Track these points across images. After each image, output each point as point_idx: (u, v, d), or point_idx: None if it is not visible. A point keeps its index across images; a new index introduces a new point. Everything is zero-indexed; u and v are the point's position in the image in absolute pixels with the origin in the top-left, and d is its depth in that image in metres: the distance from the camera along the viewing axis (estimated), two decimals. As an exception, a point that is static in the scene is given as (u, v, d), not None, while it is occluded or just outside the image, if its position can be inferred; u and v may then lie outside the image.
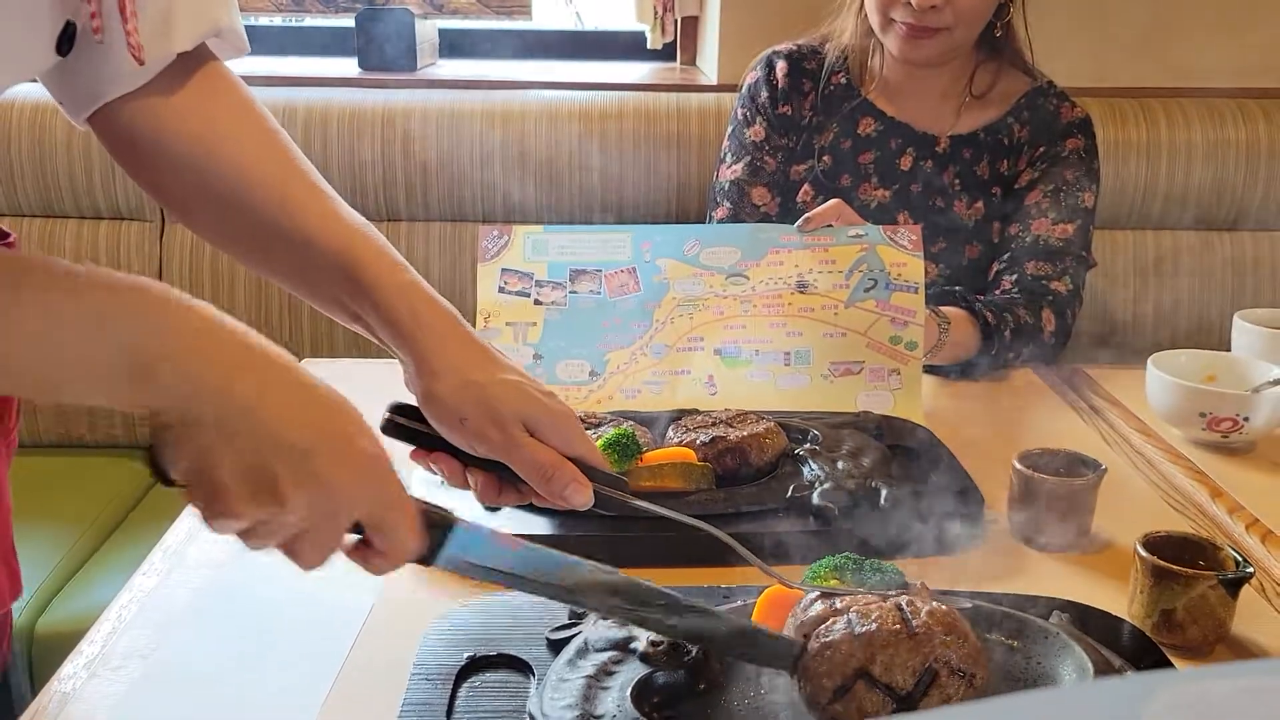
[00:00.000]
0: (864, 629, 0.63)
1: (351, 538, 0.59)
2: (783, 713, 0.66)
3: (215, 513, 0.54)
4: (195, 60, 0.74)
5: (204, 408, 0.53)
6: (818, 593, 0.68)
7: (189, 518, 0.94)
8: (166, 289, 0.54)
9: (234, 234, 0.76)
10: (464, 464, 0.71)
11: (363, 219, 0.74)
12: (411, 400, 0.72)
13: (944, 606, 0.65)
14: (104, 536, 1.52)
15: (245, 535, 0.56)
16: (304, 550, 0.57)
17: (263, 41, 2.15)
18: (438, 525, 0.61)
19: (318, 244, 0.72)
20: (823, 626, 0.65)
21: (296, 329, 1.74)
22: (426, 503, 0.61)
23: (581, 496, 0.70)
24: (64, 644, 0.78)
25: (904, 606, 0.64)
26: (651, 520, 0.87)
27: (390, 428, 0.71)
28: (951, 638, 0.63)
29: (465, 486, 0.72)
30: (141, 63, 0.66)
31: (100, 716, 0.70)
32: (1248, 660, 0.75)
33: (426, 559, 0.61)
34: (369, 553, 0.59)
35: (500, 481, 0.72)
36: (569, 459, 0.70)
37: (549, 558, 0.64)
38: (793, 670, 0.65)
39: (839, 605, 0.66)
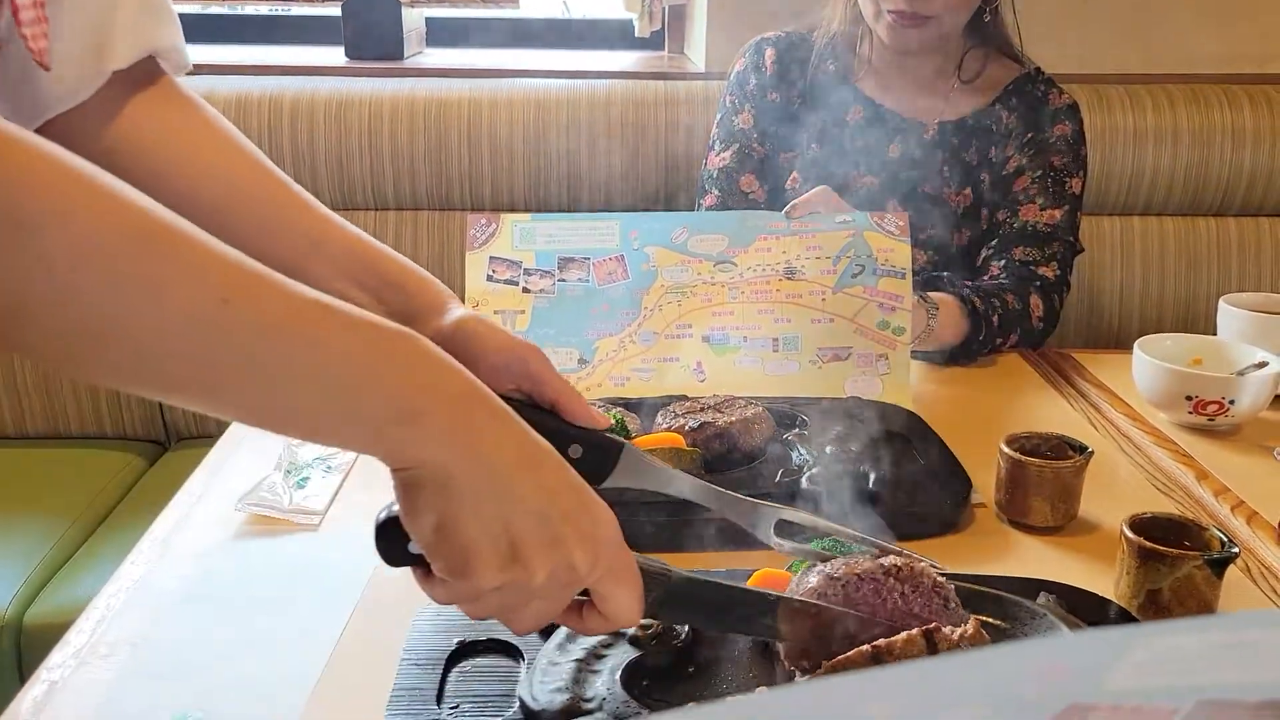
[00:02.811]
0: (840, 572, 0.66)
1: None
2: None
3: (459, 576, 0.54)
4: (145, 77, 0.75)
5: (460, 469, 0.52)
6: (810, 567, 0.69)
7: (177, 507, 0.94)
8: (430, 343, 0.54)
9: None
10: None
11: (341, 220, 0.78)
12: None
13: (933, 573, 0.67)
14: (92, 528, 1.52)
15: (475, 603, 0.56)
16: (526, 617, 0.57)
17: (249, 30, 2.14)
18: (657, 580, 0.61)
19: (324, 239, 0.76)
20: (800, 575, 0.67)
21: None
22: (644, 559, 0.61)
23: (605, 419, 0.71)
24: (52, 635, 0.78)
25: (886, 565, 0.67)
26: (636, 507, 0.88)
27: None
28: (918, 587, 0.65)
29: None
30: (46, 67, 0.66)
31: (89, 705, 0.69)
32: (1220, 614, 0.75)
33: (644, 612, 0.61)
34: (589, 613, 0.59)
35: None
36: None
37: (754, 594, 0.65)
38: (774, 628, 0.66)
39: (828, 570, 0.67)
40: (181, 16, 0.79)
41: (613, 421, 0.71)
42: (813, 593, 0.66)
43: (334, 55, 1.92)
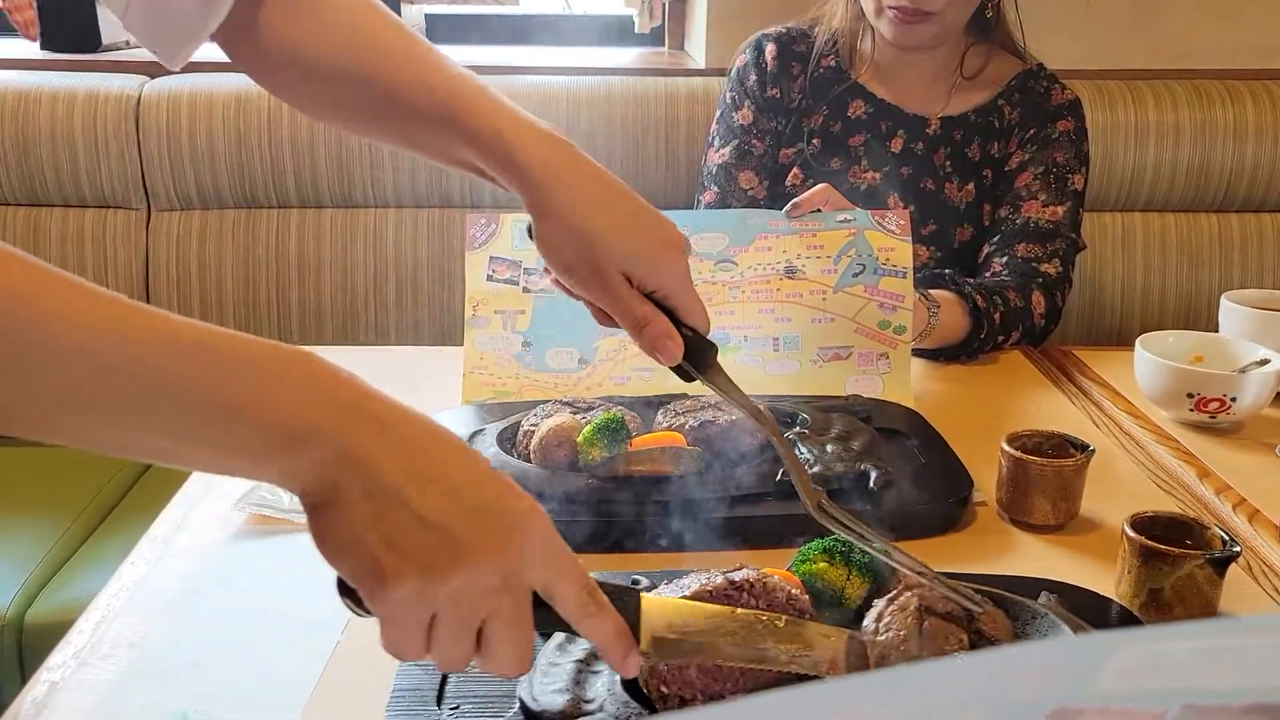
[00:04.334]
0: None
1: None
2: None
3: (375, 598, 0.52)
4: None
5: (352, 488, 0.50)
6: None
7: (177, 507, 0.94)
8: (314, 358, 0.52)
9: (331, 99, 0.78)
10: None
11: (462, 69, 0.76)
12: None
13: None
14: (92, 528, 1.52)
15: (415, 638, 0.53)
16: (494, 644, 0.54)
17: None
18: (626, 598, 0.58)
19: (421, 97, 0.74)
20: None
21: (285, 317, 1.74)
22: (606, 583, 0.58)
23: (671, 351, 0.73)
24: (53, 634, 0.78)
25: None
26: (637, 505, 0.88)
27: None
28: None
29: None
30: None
31: (89, 705, 0.69)
32: (1208, 619, 0.75)
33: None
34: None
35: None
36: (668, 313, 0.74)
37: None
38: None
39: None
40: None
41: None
42: None
43: (334, 52, 1.91)
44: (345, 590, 0.54)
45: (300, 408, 0.50)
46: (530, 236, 0.77)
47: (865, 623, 0.68)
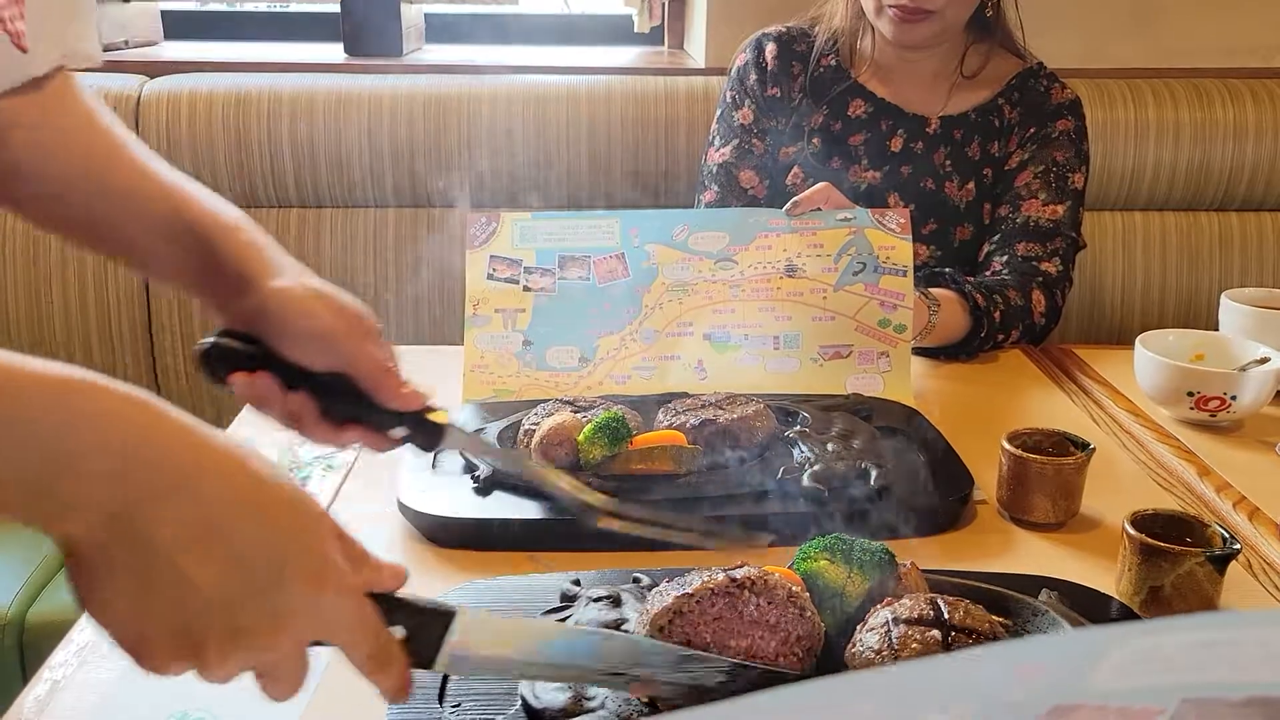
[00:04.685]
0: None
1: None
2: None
3: (139, 665, 0.47)
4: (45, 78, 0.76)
5: (118, 552, 0.45)
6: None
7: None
8: (92, 400, 0.45)
9: (64, 214, 0.75)
10: (285, 387, 0.68)
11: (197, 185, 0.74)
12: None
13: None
14: (94, 526, 1.52)
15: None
16: (266, 683, 0.51)
17: (248, 26, 2.14)
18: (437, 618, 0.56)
19: (142, 193, 0.72)
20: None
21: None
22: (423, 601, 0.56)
23: (418, 396, 0.68)
24: (55, 633, 0.78)
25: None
26: (638, 504, 0.88)
27: (207, 357, 0.68)
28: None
29: (286, 410, 0.68)
30: (23, 49, 0.66)
31: (91, 703, 0.69)
32: (1203, 613, 0.75)
33: (426, 661, 0.55)
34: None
35: (320, 411, 0.68)
36: None
37: (580, 639, 0.60)
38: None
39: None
40: (181, 14, 0.80)
41: (427, 400, 0.70)
42: (669, 611, 0.65)
43: (333, 52, 1.92)
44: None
45: (52, 460, 0.43)
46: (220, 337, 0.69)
47: (852, 649, 0.68)
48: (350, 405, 0.69)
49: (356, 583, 0.52)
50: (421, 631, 0.55)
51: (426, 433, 0.70)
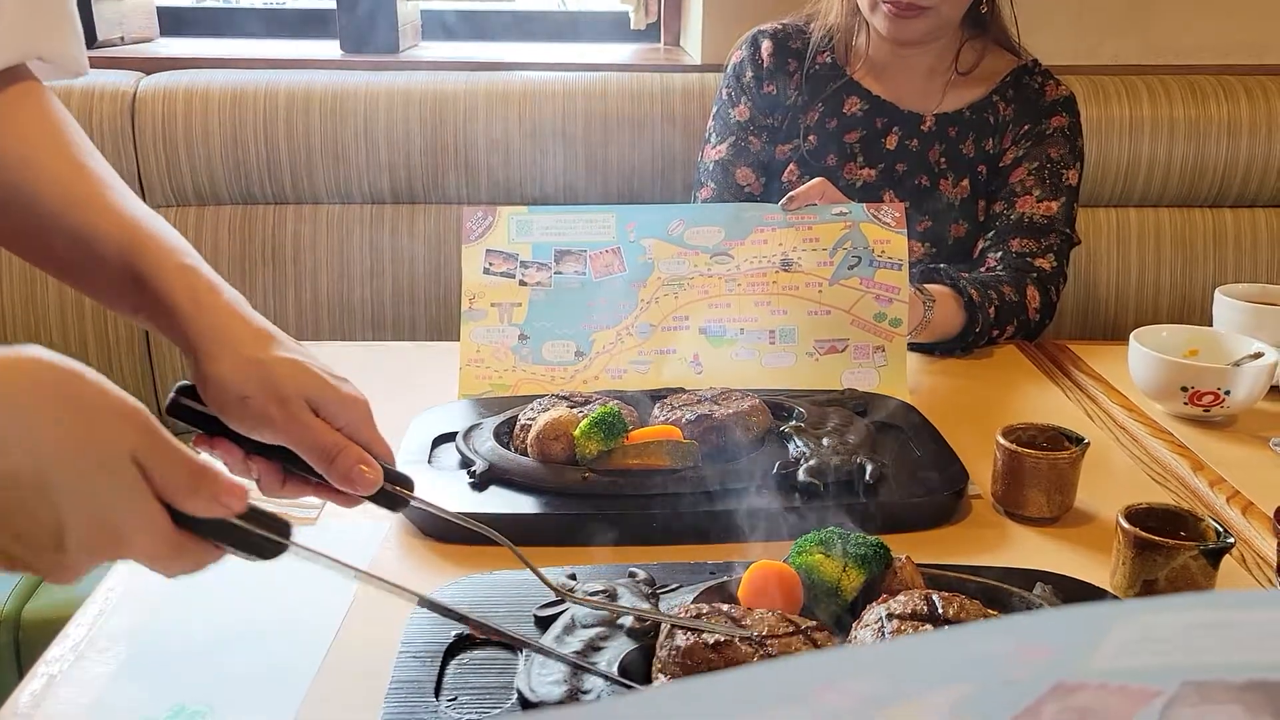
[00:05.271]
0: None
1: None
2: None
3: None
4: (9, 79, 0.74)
5: None
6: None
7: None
8: None
9: (13, 229, 0.73)
10: (245, 452, 0.68)
11: (147, 210, 0.72)
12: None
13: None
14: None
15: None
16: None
17: (245, 23, 2.14)
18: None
19: (98, 235, 0.69)
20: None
21: (281, 313, 1.73)
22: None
23: (368, 479, 0.67)
24: (50, 629, 0.78)
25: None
26: (634, 499, 0.88)
27: (176, 409, 0.68)
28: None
29: (248, 475, 0.69)
30: None
31: (87, 698, 0.69)
32: (1200, 592, 0.76)
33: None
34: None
35: (284, 472, 0.69)
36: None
37: None
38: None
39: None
40: (177, 10, 0.80)
41: (375, 484, 0.68)
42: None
43: (329, 49, 1.92)
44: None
45: None
46: (183, 393, 0.69)
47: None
48: (310, 469, 0.68)
49: (167, 523, 0.55)
50: (254, 551, 0.60)
51: (389, 499, 0.70)
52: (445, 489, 0.91)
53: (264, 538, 0.59)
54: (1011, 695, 0.26)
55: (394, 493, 0.70)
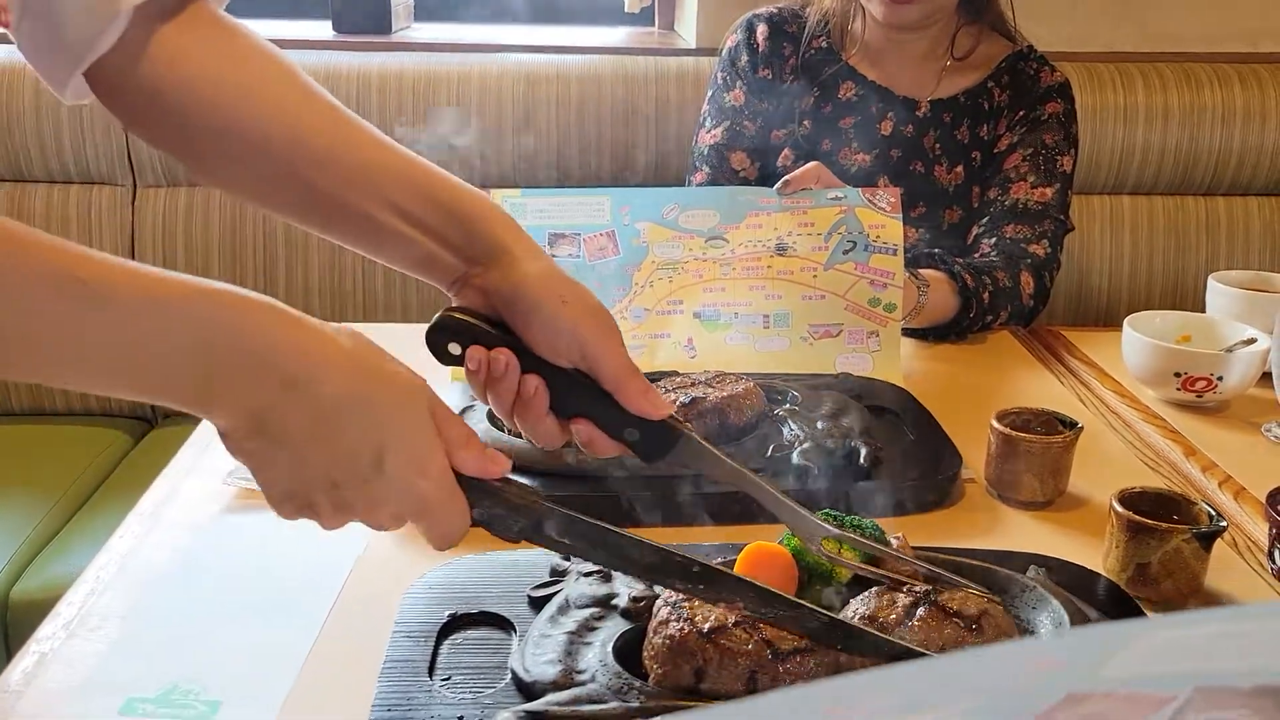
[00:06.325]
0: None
1: None
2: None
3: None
4: (173, 7, 0.70)
5: (251, 440, 0.55)
6: None
7: (165, 482, 0.94)
8: (227, 309, 0.54)
9: (259, 177, 0.71)
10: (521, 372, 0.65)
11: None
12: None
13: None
14: (77, 505, 1.51)
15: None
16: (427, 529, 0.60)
17: (236, 3, 2.12)
18: (525, 511, 0.61)
19: (375, 166, 0.72)
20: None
21: (272, 295, 1.72)
22: (521, 488, 0.61)
23: (665, 402, 0.66)
24: (38, 611, 0.77)
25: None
26: (627, 481, 0.88)
27: (445, 326, 0.65)
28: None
29: (513, 399, 0.65)
30: (4, 24, 0.64)
31: (79, 676, 0.69)
32: (1225, 606, 0.76)
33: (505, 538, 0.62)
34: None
35: (550, 402, 0.65)
36: None
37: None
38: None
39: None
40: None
41: (672, 410, 0.67)
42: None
43: (321, 29, 1.90)
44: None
45: (200, 369, 0.53)
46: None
47: (855, 608, 0.68)
48: (584, 401, 0.65)
49: (449, 468, 0.59)
50: (499, 524, 0.61)
51: (660, 440, 0.66)
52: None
53: (516, 505, 0.61)
54: (1020, 707, 0.26)
55: (667, 433, 0.66)
